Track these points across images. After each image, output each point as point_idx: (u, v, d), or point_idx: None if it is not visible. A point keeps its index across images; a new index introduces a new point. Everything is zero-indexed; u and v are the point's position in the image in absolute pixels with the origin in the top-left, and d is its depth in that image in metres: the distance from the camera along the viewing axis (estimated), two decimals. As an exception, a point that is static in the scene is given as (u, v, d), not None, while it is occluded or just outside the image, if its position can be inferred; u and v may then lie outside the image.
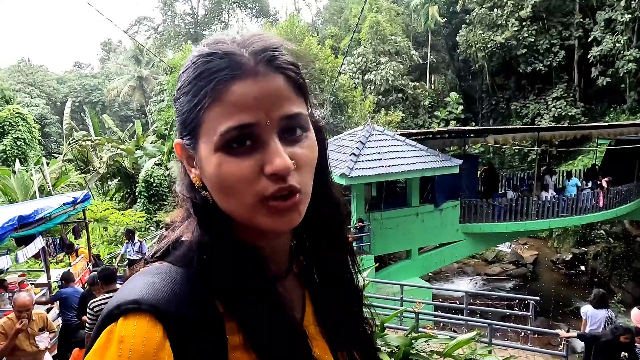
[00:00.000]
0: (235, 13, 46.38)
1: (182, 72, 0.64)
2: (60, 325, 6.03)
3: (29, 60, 47.96)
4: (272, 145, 0.59)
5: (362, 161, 11.66)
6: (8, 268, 7.32)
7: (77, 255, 9.60)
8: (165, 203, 18.76)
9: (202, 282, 0.62)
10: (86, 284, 6.11)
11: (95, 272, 5.96)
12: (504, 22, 26.56)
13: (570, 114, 25.34)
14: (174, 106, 0.67)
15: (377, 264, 12.30)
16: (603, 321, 7.21)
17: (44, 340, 4.74)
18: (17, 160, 18.58)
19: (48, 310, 6.88)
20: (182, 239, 0.68)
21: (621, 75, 23.14)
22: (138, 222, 16.39)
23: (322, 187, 0.72)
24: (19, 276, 7.60)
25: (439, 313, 9.66)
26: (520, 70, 27.23)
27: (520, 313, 9.44)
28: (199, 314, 0.59)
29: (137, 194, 19.31)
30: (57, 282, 8.04)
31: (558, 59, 26.03)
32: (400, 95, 29.56)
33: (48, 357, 4.97)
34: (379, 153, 12.03)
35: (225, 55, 0.60)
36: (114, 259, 11.44)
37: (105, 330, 0.55)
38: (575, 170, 18.77)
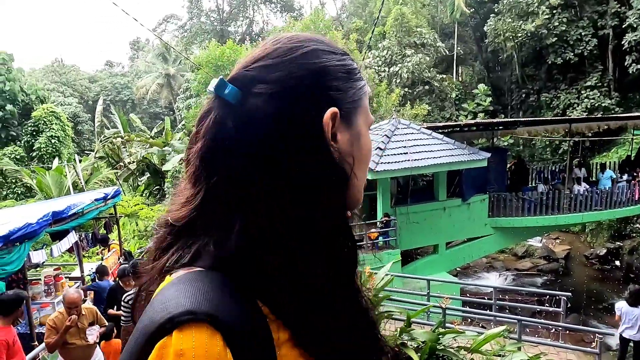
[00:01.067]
0: (260, 9, 46.57)
1: (348, 60, 0.72)
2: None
3: (62, 60, 49.43)
4: None
5: (388, 155, 11.58)
6: (44, 262, 7.57)
7: (109, 250, 9.87)
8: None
9: (242, 285, 0.59)
10: (116, 277, 6.26)
11: (125, 265, 6.10)
12: (535, 9, 25.82)
13: (604, 104, 24.45)
14: (334, 80, 0.68)
15: (404, 258, 12.23)
16: (639, 319, 6.99)
17: (93, 334, 4.78)
18: (55, 159, 19.19)
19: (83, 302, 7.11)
20: (207, 241, 0.63)
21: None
22: (167, 217, 16.72)
23: None
24: (54, 270, 7.86)
25: (467, 309, 9.53)
26: (551, 61, 26.45)
27: (551, 309, 9.22)
28: (250, 319, 0.57)
29: (165, 189, 19.71)
30: (90, 275, 8.30)
31: (590, 48, 25.14)
32: (426, 87, 29.15)
33: (98, 351, 5.01)
34: (404, 147, 11.92)
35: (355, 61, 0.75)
36: (144, 254, 11.68)
37: (157, 347, 0.52)
38: (610, 162, 18.15)
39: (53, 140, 22.18)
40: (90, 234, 9.43)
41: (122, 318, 5.30)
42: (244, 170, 0.60)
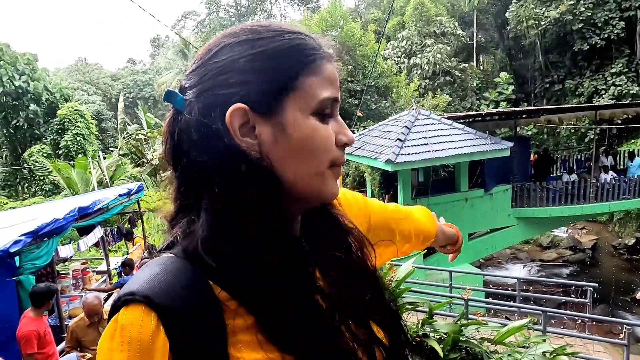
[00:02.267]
0: (278, 2, 46.56)
1: (258, 40, 0.66)
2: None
3: (85, 59, 50.29)
4: (341, 121, 0.70)
5: (408, 146, 11.48)
6: (71, 256, 7.77)
7: (134, 244, 10.06)
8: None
9: (199, 271, 0.64)
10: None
11: (147, 259, 6.21)
12: (558, -5, 25.18)
13: (632, 91, 23.74)
14: (231, 70, 0.65)
15: (426, 250, 12.14)
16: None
17: None
18: (79, 156, 19.62)
19: (109, 297, 7.28)
20: (190, 229, 0.68)
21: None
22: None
23: None
24: (82, 264, 8.06)
25: (490, 300, 9.43)
26: (576, 48, 25.75)
27: (577, 300, 9.06)
28: (192, 302, 0.62)
29: (187, 184, 19.94)
30: (116, 269, 8.48)
31: (617, 31, 24.38)
32: (447, 77, 28.76)
33: None
34: (425, 138, 11.81)
35: (315, 39, 0.70)
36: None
37: (112, 319, 0.62)
38: (639, 149, 17.64)
39: (78, 138, 22.67)
40: (115, 229, 9.62)
41: None
42: (189, 175, 0.67)
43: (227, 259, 0.64)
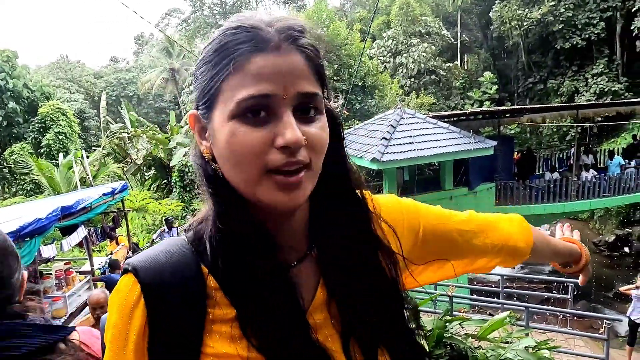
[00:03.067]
0: (263, 0, 46.37)
1: (207, 45, 0.66)
2: (104, 310, 6.26)
3: (67, 57, 49.50)
4: (286, 119, 0.60)
5: (394, 145, 11.56)
6: (54, 256, 7.67)
7: (117, 244, 9.95)
8: (200, 192, 19.13)
9: (195, 256, 0.68)
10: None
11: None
12: (540, -4, 25.56)
13: (613, 89, 24.23)
14: (194, 78, 0.68)
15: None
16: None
17: None
18: (60, 155, 19.31)
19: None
20: (201, 219, 0.73)
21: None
22: (174, 211, 16.83)
23: (338, 166, 0.74)
24: (65, 264, 7.94)
25: (474, 297, 9.55)
26: (558, 47, 26.16)
27: (559, 296, 9.23)
28: (177, 283, 0.65)
29: (172, 183, 19.79)
30: (99, 269, 8.39)
31: (597, 32, 24.86)
32: (432, 77, 28.99)
33: None
34: (410, 136, 11.90)
35: (252, 29, 0.62)
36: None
37: (118, 282, 0.69)
38: (618, 148, 18.00)
39: (60, 137, 22.30)
40: (99, 229, 9.52)
41: None
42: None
43: (213, 249, 0.67)
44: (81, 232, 7.57)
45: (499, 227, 0.97)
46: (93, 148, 27.87)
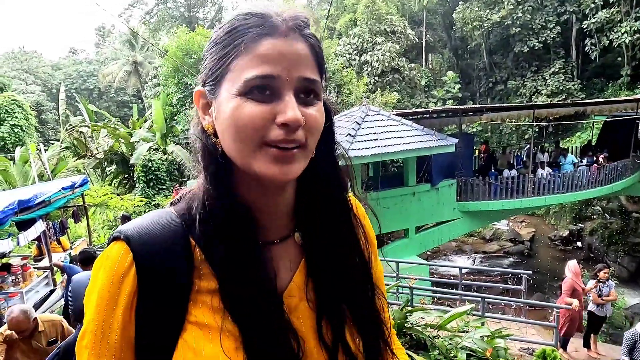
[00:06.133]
0: (229, -6, 45.75)
1: (219, 29, 0.72)
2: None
3: (24, 47, 47.54)
4: (287, 99, 0.66)
5: (358, 142, 11.69)
6: (10, 251, 7.43)
7: (63, 248, 9.36)
8: (164, 187, 18.82)
9: (184, 228, 0.73)
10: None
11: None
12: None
13: (567, 86, 25.26)
14: (204, 58, 0.74)
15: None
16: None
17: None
18: (17, 149, 18.57)
19: (52, 292, 7.02)
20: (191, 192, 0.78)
21: (615, 46, 23.06)
22: (138, 206, 16.50)
23: (327, 154, 0.81)
24: (22, 259, 7.72)
25: (434, 288, 9.83)
26: (517, 49, 27.05)
27: (514, 287, 9.62)
28: (166, 255, 0.70)
29: (135, 178, 19.38)
30: (64, 261, 8.14)
31: (553, 35, 25.84)
32: (396, 75, 29.40)
33: None
34: (375, 133, 12.05)
35: (262, 16, 0.68)
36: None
37: (106, 248, 0.72)
38: (572, 147, 18.78)
39: (16, 130, 21.41)
40: (57, 223, 9.25)
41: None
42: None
43: (200, 223, 0.72)
44: (39, 227, 7.36)
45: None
46: (51, 142, 26.92)
